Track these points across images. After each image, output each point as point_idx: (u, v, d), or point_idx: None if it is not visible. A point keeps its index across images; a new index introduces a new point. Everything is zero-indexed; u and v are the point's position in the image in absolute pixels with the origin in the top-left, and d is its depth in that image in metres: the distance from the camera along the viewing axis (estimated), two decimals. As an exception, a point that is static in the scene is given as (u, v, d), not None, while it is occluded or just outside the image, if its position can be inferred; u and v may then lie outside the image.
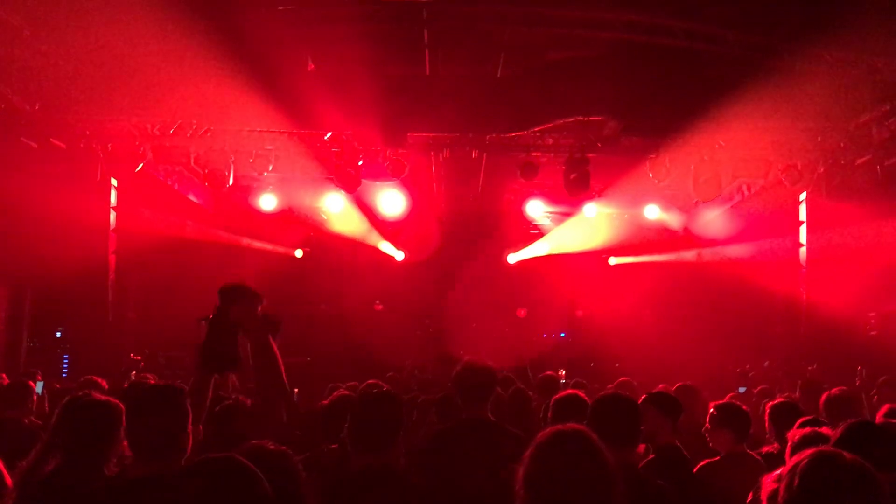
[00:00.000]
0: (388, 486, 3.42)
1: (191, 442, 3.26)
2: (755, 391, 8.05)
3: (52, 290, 12.65)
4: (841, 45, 9.16)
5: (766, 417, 5.47)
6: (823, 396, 6.19)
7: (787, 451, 3.78)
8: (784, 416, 5.17)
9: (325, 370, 14.37)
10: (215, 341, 3.58)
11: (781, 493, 2.47)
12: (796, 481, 2.42)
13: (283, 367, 3.49)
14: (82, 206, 12.22)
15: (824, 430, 3.87)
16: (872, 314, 12.37)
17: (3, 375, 9.27)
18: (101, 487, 3.16)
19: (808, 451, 2.51)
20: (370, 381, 6.68)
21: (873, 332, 12.35)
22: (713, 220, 15.88)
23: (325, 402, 5.18)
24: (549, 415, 4.42)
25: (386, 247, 17.80)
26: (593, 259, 17.71)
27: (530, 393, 6.68)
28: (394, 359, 15.19)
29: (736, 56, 8.97)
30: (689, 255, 16.98)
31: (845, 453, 2.48)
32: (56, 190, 12.10)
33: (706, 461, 5.00)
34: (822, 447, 2.60)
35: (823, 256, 12.58)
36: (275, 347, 3.52)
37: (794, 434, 3.90)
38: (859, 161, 11.43)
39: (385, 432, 3.58)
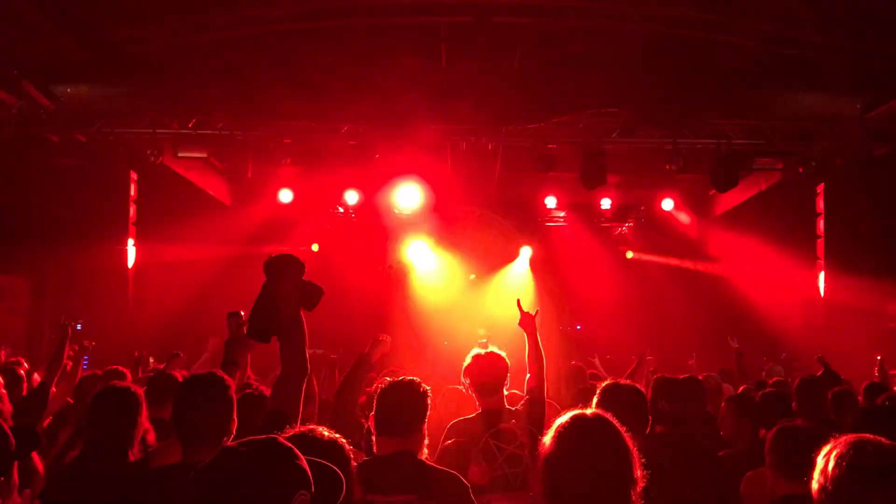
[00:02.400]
0: (409, 471, 3.48)
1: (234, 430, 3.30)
2: (770, 382, 8.04)
3: (73, 283, 12.79)
4: (860, 35, 9.13)
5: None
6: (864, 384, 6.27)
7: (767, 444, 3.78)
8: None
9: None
10: (259, 316, 3.48)
11: (817, 480, 2.50)
12: (834, 467, 2.45)
13: (307, 344, 3.41)
14: (102, 199, 12.35)
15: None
16: (892, 306, 12.32)
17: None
18: (146, 473, 3.21)
19: (846, 438, 2.52)
20: (391, 368, 6.78)
21: (892, 325, 12.31)
22: (730, 213, 15.83)
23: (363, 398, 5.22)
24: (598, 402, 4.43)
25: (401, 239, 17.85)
26: (611, 252, 17.74)
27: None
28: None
29: (754, 47, 8.95)
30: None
31: (882, 439, 2.50)
32: (76, 183, 12.24)
33: (725, 452, 5.00)
34: (859, 435, 2.60)
35: (841, 247, 12.53)
36: (304, 323, 3.43)
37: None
38: (878, 152, 11.38)
39: (407, 418, 3.63)
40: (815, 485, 2.51)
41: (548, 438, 2.51)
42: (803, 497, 2.63)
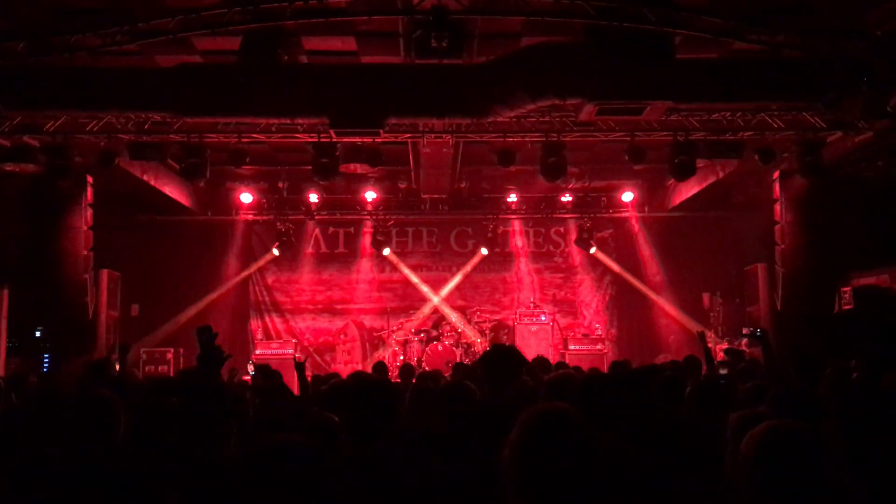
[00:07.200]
0: (381, 473, 3.44)
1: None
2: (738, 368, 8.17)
3: (31, 290, 12.57)
4: (809, 26, 9.30)
5: None
6: None
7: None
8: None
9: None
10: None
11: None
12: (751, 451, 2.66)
13: None
14: (58, 202, 12.14)
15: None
16: (846, 289, 12.57)
17: None
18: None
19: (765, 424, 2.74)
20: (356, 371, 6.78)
21: (848, 307, 12.55)
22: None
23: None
24: (543, 394, 4.42)
25: (367, 239, 17.81)
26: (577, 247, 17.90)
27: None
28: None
29: (708, 39, 9.05)
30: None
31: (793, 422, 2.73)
32: (30, 187, 12.01)
33: None
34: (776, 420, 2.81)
35: (797, 231, 12.73)
36: None
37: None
38: (831, 139, 11.58)
39: (378, 419, 3.59)
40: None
41: (513, 434, 2.50)
42: None
